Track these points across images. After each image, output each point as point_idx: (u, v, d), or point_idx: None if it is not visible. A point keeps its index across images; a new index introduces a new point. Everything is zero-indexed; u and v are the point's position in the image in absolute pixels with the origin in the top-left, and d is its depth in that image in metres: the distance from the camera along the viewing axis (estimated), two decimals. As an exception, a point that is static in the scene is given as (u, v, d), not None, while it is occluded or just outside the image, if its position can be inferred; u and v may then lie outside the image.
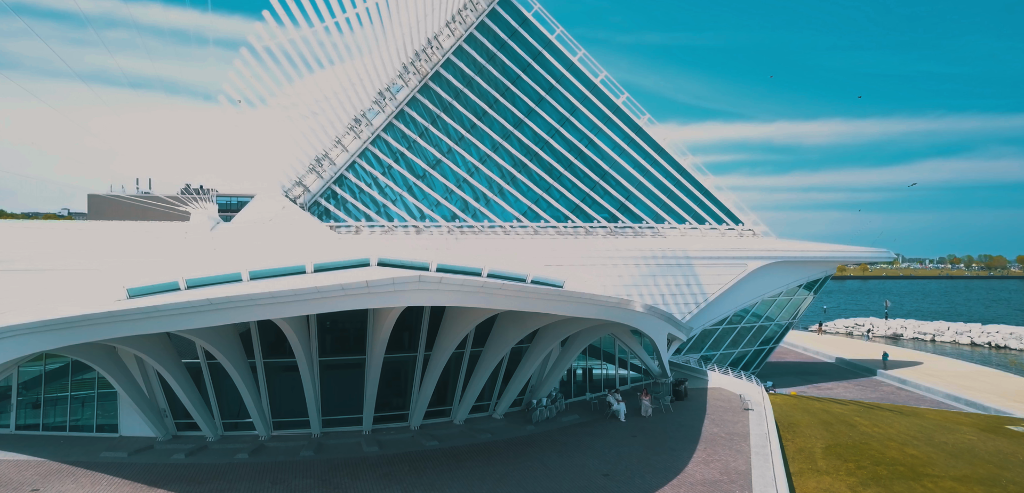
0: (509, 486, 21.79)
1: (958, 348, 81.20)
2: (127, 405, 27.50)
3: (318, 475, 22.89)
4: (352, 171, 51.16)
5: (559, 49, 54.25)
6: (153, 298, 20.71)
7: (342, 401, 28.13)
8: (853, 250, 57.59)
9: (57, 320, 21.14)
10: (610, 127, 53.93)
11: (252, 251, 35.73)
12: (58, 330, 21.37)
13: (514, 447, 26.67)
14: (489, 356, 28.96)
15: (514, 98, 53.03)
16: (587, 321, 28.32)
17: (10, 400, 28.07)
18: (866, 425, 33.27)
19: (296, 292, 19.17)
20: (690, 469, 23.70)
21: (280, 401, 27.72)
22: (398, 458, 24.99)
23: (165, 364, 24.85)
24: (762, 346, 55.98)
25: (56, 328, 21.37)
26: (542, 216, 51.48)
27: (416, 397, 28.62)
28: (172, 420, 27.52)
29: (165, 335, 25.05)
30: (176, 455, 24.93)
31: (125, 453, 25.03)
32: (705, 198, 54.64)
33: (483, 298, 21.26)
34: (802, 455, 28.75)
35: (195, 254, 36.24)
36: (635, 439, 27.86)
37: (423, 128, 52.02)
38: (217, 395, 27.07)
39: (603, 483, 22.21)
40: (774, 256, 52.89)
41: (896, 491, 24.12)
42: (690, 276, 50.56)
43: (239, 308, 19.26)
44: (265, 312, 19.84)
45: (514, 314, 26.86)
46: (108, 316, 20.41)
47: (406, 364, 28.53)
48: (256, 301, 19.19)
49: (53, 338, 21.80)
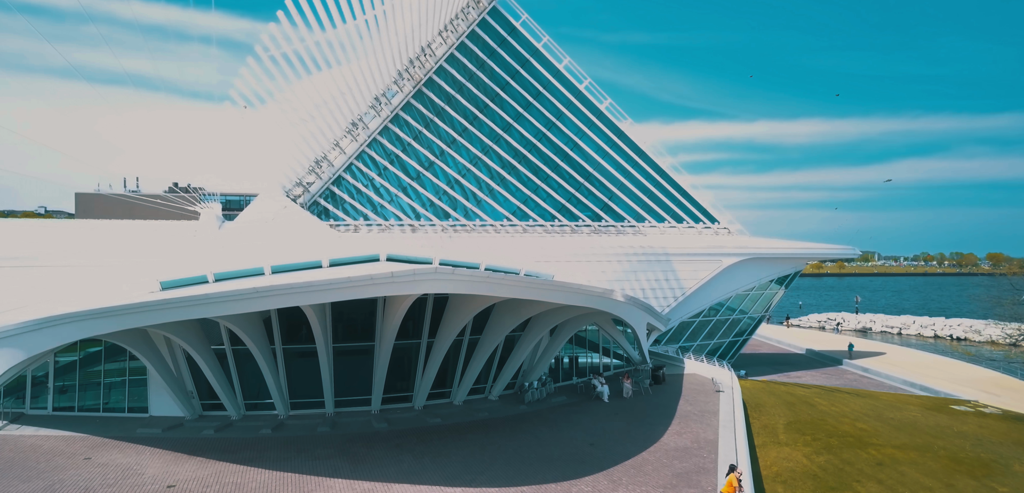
0: (506, 454, 24.87)
1: (922, 340, 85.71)
2: (157, 387, 30.19)
3: (336, 446, 25.81)
4: (349, 172, 53.91)
5: (545, 57, 57.34)
6: (185, 290, 23.53)
7: (353, 383, 31.02)
8: (821, 247, 61.43)
9: (107, 308, 23.85)
10: (594, 131, 57.15)
11: (262, 247, 38.32)
12: (107, 317, 24.07)
13: (509, 423, 29.77)
14: (486, 343, 32.02)
15: (503, 103, 56.05)
16: (574, 309, 31.48)
17: (47, 384, 30.61)
18: (825, 405, 36.84)
19: (330, 282, 22.08)
20: (665, 439, 26.96)
21: (296, 383, 30.54)
22: (406, 432, 27.97)
23: (197, 348, 27.61)
24: (736, 337, 59.58)
25: (105, 315, 24.07)
26: (531, 215, 54.62)
27: (420, 380, 31.61)
28: (198, 401, 30.25)
29: (197, 322, 27.78)
30: (205, 431, 27.71)
31: (159, 430, 27.74)
32: (683, 198, 58.07)
33: (487, 287, 24.29)
34: (766, 430, 32.18)
35: (208, 250, 38.82)
36: (617, 416, 31.09)
37: (417, 132, 54.86)
38: (240, 377, 29.84)
39: (589, 450, 25.39)
40: (747, 253, 56.48)
41: (844, 457, 27.59)
42: (669, 272, 53.99)
43: (281, 295, 22.18)
44: (302, 299, 22.76)
45: (509, 304, 29.94)
46: (151, 304, 23.17)
47: (410, 350, 31.47)
48: (295, 289, 22.11)
49: (103, 324, 24.50)
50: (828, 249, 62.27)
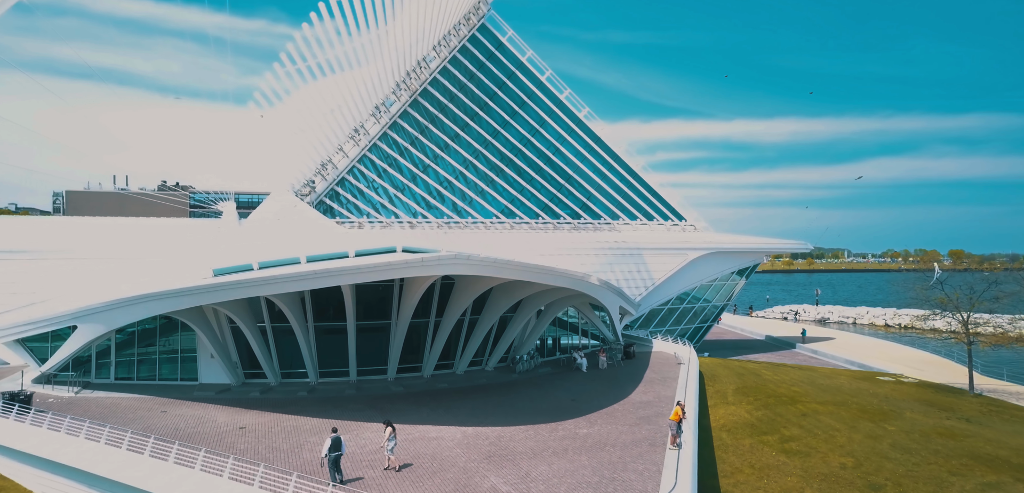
0: (504, 407, 30.81)
1: (874, 328, 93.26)
2: (205, 359, 35.60)
3: (364, 403, 31.53)
4: (352, 174, 59.37)
5: (529, 70, 63.29)
6: (236, 275, 29.06)
7: (372, 355, 36.67)
8: (776, 242, 68.30)
9: (176, 290, 29.34)
10: (573, 137, 63.22)
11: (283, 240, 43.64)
12: (176, 297, 29.57)
13: (504, 387, 35.72)
14: (484, 322, 37.89)
15: (492, 112, 61.89)
16: (558, 292, 37.48)
17: (109, 358, 35.81)
18: (769, 375, 43.33)
19: (375, 265, 27.81)
20: (632, 396, 33.11)
21: (324, 355, 36.13)
22: (419, 393, 33.78)
23: (246, 323, 33.09)
24: (701, 324, 66.14)
25: (174, 296, 29.57)
26: (517, 214, 60.58)
27: (428, 353, 37.40)
28: (241, 370, 35.70)
29: (246, 301, 33.23)
30: (252, 393, 33.25)
31: (212, 393, 33.22)
32: (654, 198, 64.44)
33: (494, 270, 30.21)
34: (718, 394, 38.50)
35: (239, 242, 44.10)
36: (594, 382, 37.19)
37: (413, 137, 60.49)
38: (277, 350, 35.37)
39: (571, 404, 31.44)
40: (711, 248, 63.02)
41: (777, 411, 33.97)
42: (640, 264, 60.34)
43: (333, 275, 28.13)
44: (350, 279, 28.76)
45: (505, 287, 35.83)
46: (215, 286, 28.70)
47: (421, 328, 37.20)
48: (346, 271, 27.95)
49: (172, 303, 30.00)
50: (783, 244, 69.18)
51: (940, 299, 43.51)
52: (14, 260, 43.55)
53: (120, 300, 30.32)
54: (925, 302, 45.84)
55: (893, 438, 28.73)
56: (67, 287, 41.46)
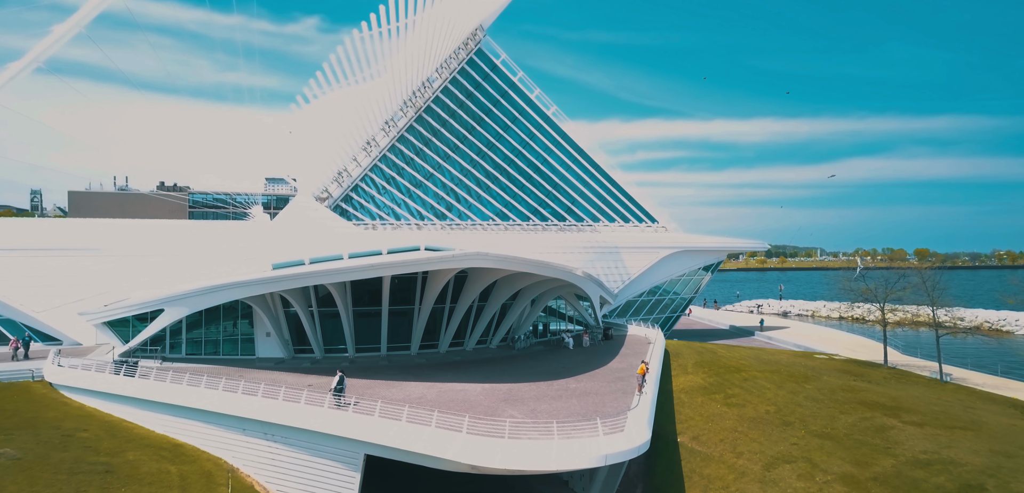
0: (509, 372, 39.05)
1: (830, 320, 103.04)
2: (262, 337, 43.33)
3: (397, 371, 39.58)
4: (364, 182, 67.21)
5: (520, 88, 71.59)
6: (292, 270, 36.99)
7: (399, 334, 44.66)
8: (737, 241, 77.42)
9: (248, 281, 37.22)
10: (559, 148, 71.62)
11: (313, 239, 51.40)
12: (246, 287, 37.47)
13: (507, 359, 43.99)
14: (489, 308, 46.08)
15: (487, 126, 70.08)
16: (550, 282, 45.78)
17: (180, 337, 43.34)
18: (723, 353, 52.06)
19: (405, 261, 35.90)
20: (610, 364, 41.57)
21: (359, 334, 44.04)
22: (439, 364, 41.92)
23: (300, 306, 40.88)
24: (672, 314, 74.96)
25: (245, 286, 37.46)
26: (510, 217, 68.86)
27: (444, 333, 45.53)
28: (292, 346, 43.55)
29: (301, 289, 41.02)
30: (304, 364, 41.12)
31: (270, 364, 41.01)
32: (630, 203, 73.09)
33: (505, 264, 38.48)
34: (679, 366, 47.08)
35: (279, 240, 51.81)
36: (579, 355, 45.61)
37: (418, 149, 68.48)
38: (322, 329, 43.26)
39: (561, 369, 39.80)
40: (680, 247, 71.83)
41: (724, 377, 42.60)
42: (618, 261, 68.95)
43: (371, 269, 35.98)
44: (383, 272, 36.63)
45: (508, 279, 44.05)
46: (281, 278, 36.62)
47: (437, 312, 45.28)
48: (381, 266, 35.88)
49: (243, 290, 37.88)
50: (743, 243, 78.35)
51: (864, 290, 52.57)
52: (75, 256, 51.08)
53: (203, 288, 38.09)
54: (849, 294, 54.99)
55: (807, 393, 37.52)
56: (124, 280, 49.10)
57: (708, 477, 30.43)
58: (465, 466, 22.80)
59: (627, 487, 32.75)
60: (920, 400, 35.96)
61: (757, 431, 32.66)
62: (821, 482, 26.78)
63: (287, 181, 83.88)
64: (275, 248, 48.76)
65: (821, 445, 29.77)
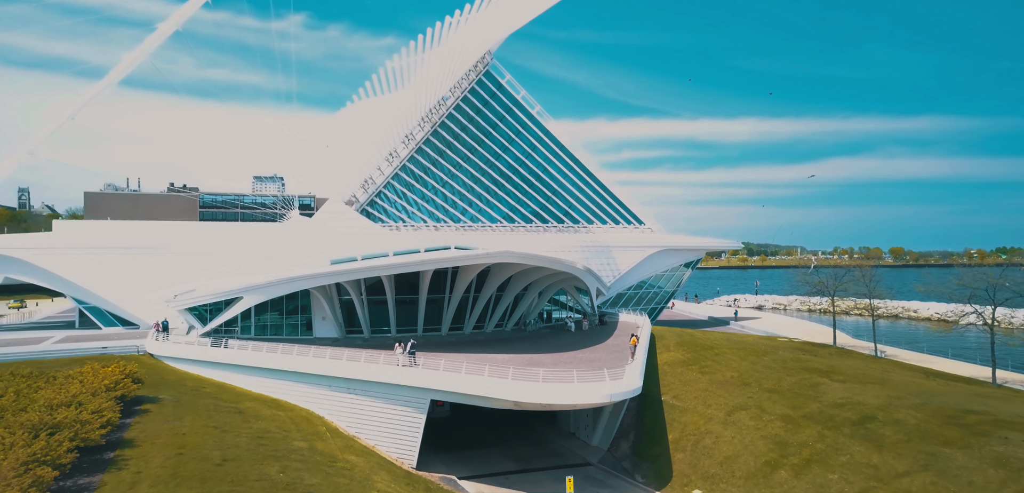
0: (524, 346, 48.33)
1: (801, 313, 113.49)
2: (318, 320, 52.24)
3: (433, 345, 48.65)
4: (387, 188, 76.16)
5: (523, 105, 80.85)
6: (347, 265, 46.05)
7: (431, 318, 53.79)
8: (713, 241, 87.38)
9: (314, 274, 46.27)
10: (557, 159, 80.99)
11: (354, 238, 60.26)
12: (314, 279, 46.54)
13: (521, 337, 53.32)
14: (505, 297, 55.37)
15: (494, 139, 79.28)
16: (556, 275, 55.07)
17: (250, 320, 52.11)
18: (700, 336, 61.72)
19: (439, 259, 45.03)
20: (607, 341, 51.04)
21: (400, 317, 53.11)
22: (465, 340, 51.10)
23: (355, 293, 49.89)
24: (657, 305, 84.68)
25: (313, 278, 46.51)
26: (515, 219, 78.16)
27: (468, 317, 54.72)
28: (344, 328, 52.53)
29: (356, 280, 49.98)
30: (356, 342, 50.12)
31: (327, 342, 49.97)
32: (620, 207, 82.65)
33: (522, 260, 47.78)
34: (663, 345, 56.63)
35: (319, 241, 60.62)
36: (580, 336, 55.03)
37: (434, 159, 77.54)
38: (369, 313, 52.28)
39: (569, 345, 49.17)
40: (663, 246, 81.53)
41: (700, 353, 52.16)
42: (610, 258, 78.47)
43: (412, 265, 45.09)
44: (422, 267, 45.75)
45: (524, 272, 53.28)
46: (337, 273, 45.69)
47: (464, 300, 54.47)
48: (421, 262, 45.00)
49: (310, 281, 46.93)
50: (719, 242, 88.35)
51: (818, 283, 62.53)
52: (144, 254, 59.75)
53: (279, 279, 47.02)
54: (804, 287, 65.04)
55: (764, 363, 47.23)
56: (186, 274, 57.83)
57: (684, 423, 40.03)
58: (510, 403, 32.08)
59: (622, 435, 42.31)
60: (850, 367, 45.78)
61: (723, 390, 42.29)
62: (766, 421, 36.42)
63: (276, 180, 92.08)
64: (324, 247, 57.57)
65: (769, 397, 39.43)
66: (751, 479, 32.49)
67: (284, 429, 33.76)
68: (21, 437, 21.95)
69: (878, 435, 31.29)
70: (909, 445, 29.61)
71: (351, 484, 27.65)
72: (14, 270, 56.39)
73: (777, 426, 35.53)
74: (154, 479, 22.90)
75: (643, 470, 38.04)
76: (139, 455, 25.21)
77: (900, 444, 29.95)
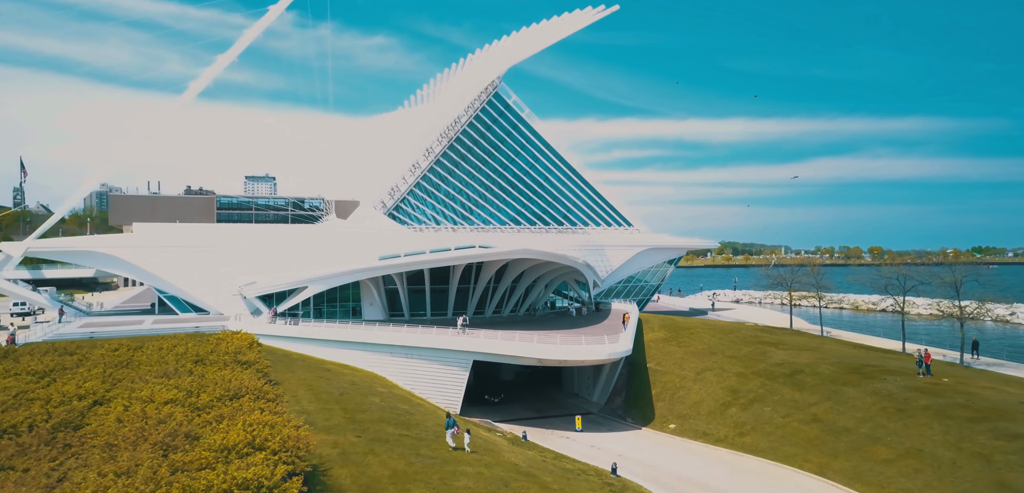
0: (538, 326, 59.94)
1: (775, 306, 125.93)
2: (367, 304, 63.58)
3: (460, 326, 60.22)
4: (410, 195, 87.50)
5: (527, 122, 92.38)
6: (392, 261, 57.51)
7: (460, 304, 65.28)
8: (694, 241, 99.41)
9: (369, 268, 57.62)
10: (557, 169, 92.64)
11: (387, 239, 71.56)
12: (368, 271, 57.88)
13: (533, 320, 65.00)
14: (519, 288, 67.01)
15: (503, 152, 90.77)
16: (561, 269, 66.75)
17: (309, 307, 63.27)
18: (680, 320, 73.64)
19: (469, 256, 56.57)
20: (603, 322, 62.77)
21: (434, 302, 64.52)
22: (487, 322, 62.63)
23: (400, 283, 61.28)
24: (644, 297, 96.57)
25: (368, 271, 57.87)
26: (521, 221, 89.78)
27: (490, 304, 66.31)
28: (388, 311, 63.89)
29: (399, 272, 61.30)
30: (401, 322, 61.55)
31: (377, 323, 61.33)
32: (612, 211, 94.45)
33: (537, 255, 59.41)
34: (648, 327, 68.47)
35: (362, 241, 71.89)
36: (581, 319, 66.77)
37: (450, 169, 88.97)
38: (408, 299, 63.68)
39: (569, 324, 60.86)
40: (649, 245, 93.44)
41: (679, 333, 64.00)
42: (603, 256, 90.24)
43: (445, 260, 56.64)
44: (453, 262, 57.27)
45: (536, 266, 64.89)
46: (386, 267, 57.09)
47: (485, 289, 65.93)
48: (453, 258, 56.55)
49: (365, 274, 58.27)
50: (699, 242, 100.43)
51: (777, 278, 74.62)
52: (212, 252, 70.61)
53: (340, 272, 58.32)
54: (765, 280, 77.20)
55: (729, 339, 59.14)
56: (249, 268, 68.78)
57: (664, 382, 51.87)
58: (534, 360, 43.68)
59: (616, 393, 54.12)
60: (794, 341, 57.83)
61: (695, 358, 54.16)
62: (725, 377, 48.31)
63: (269, 180, 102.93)
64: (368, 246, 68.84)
65: (729, 361, 51.31)
66: (711, 415, 44.37)
67: (366, 381, 45.20)
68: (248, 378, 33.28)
69: (802, 382, 43.27)
70: (821, 387, 41.59)
71: (424, 413, 39.16)
72: (109, 265, 67.14)
73: (733, 380, 47.45)
74: (307, 402, 34.28)
75: (632, 415, 49.86)
76: (289, 393, 36.59)
77: (815, 387, 41.94)
